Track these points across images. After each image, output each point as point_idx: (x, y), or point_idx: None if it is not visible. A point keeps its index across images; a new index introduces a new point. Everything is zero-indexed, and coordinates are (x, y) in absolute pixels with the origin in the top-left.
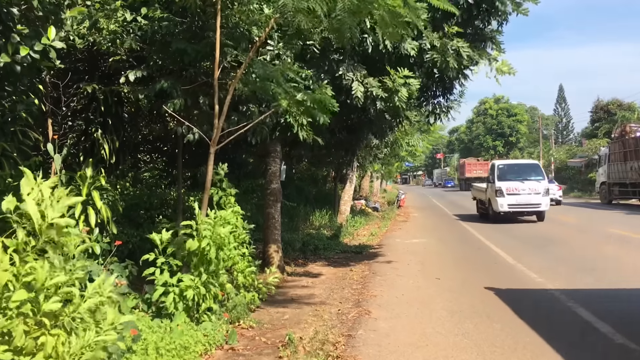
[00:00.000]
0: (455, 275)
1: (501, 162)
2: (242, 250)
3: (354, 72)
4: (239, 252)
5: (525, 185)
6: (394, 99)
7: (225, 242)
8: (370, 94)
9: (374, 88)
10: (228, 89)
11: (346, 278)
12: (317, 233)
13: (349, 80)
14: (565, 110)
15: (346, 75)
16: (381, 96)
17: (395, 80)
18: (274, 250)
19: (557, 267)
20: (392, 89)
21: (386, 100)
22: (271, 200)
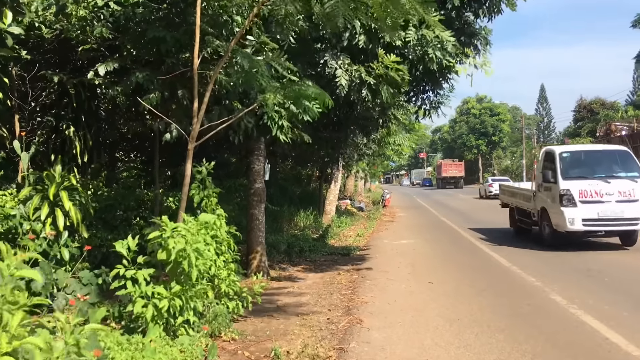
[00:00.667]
0: (448, 278)
1: (566, 149)
2: (225, 256)
3: (336, 60)
4: (222, 258)
5: (611, 186)
6: (382, 87)
7: (204, 250)
8: (355, 83)
9: (361, 73)
10: (209, 81)
11: (334, 282)
12: (302, 234)
13: (332, 69)
14: (546, 110)
15: (329, 63)
16: (369, 82)
17: (385, 65)
18: (258, 254)
19: (552, 268)
20: (381, 75)
21: (373, 90)
22: (255, 201)
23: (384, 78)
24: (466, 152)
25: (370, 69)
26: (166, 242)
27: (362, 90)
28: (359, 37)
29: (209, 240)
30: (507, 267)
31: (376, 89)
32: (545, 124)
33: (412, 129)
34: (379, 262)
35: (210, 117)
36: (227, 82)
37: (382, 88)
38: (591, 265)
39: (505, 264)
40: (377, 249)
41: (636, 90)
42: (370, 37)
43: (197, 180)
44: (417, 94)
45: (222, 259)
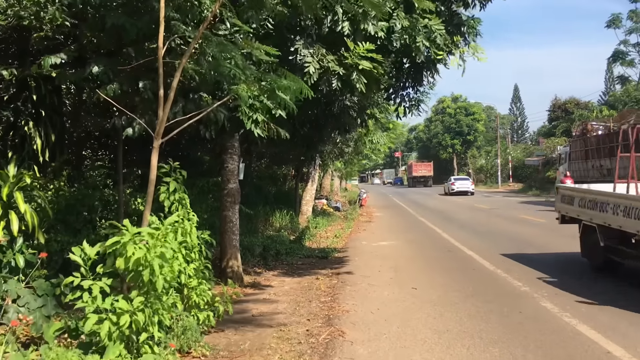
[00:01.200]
0: (432, 283)
1: None
2: (196, 264)
3: (309, 48)
4: (193, 265)
5: None
6: (353, 76)
7: (171, 257)
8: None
9: (330, 63)
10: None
11: (312, 288)
12: (278, 235)
13: (304, 57)
14: (520, 110)
15: (302, 51)
16: (338, 73)
17: (358, 54)
18: (231, 258)
19: (539, 272)
20: (351, 65)
21: (344, 80)
22: (228, 202)
23: (357, 68)
24: (441, 151)
25: (342, 57)
26: (124, 248)
27: (332, 81)
28: (343, 24)
29: (176, 247)
30: (491, 270)
31: (347, 80)
32: (519, 124)
33: (389, 128)
34: (359, 265)
35: (177, 111)
36: (196, 72)
37: (355, 79)
38: (573, 266)
39: (489, 267)
40: (356, 251)
41: (608, 91)
42: (355, 24)
43: (167, 182)
44: (397, 91)
45: (193, 266)
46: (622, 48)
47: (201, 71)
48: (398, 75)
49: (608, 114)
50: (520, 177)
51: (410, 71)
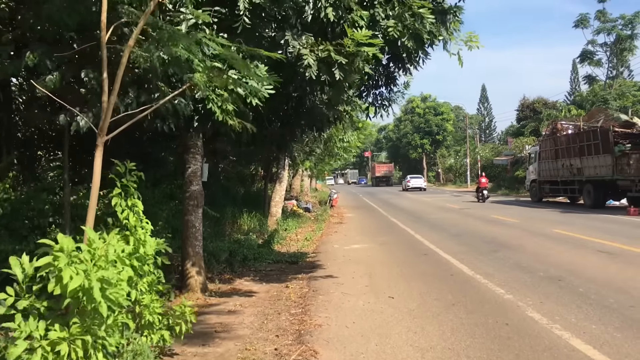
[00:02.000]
0: (409, 292)
1: None
2: (150, 278)
3: (299, 40)
4: (147, 279)
5: None
6: (357, 64)
7: (116, 277)
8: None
9: (330, 52)
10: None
11: (282, 298)
12: (246, 239)
13: (294, 50)
14: (488, 110)
15: (291, 43)
16: (339, 62)
17: (357, 41)
18: (194, 266)
19: (520, 277)
20: (353, 53)
21: (346, 69)
22: (191, 206)
23: (359, 55)
24: (411, 151)
25: (339, 47)
26: (59, 273)
27: (334, 71)
28: (326, 11)
29: (124, 263)
30: (470, 275)
31: (349, 68)
32: (487, 124)
33: (359, 127)
34: (332, 271)
35: (130, 102)
36: (147, 60)
37: (357, 66)
38: (556, 272)
39: (467, 272)
40: (327, 256)
41: (573, 91)
42: (339, 10)
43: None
44: (369, 89)
45: (147, 280)
46: (590, 48)
47: (151, 59)
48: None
49: (577, 113)
50: (489, 176)
51: (390, 65)
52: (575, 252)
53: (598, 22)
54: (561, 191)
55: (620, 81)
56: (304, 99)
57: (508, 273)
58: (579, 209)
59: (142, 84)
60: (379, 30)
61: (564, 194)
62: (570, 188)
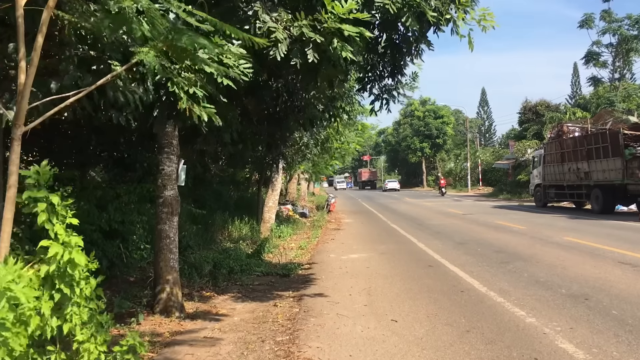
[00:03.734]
0: (415, 313)
1: None
2: (91, 306)
3: (270, 13)
4: (84, 309)
5: None
6: (334, 44)
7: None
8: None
9: (304, 29)
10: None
11: (268, 320)
12: (234, 248)
13: (264, 25)
14: (487, 113)
15: (261, 16)
16: (314, 40)
17: (338, 16)
18: (168, 283)
19: (540, 294)
20: (331, 31)
21: (322, 50)
22: (164, 213)
23: (338, 34)
24: (410, 155)
25: (316, 22)
26: None
27: (307, 52)
28: None
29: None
30: (483, 292)
31: (326, 48)
32: (486, 127)
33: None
34: (326, 286)
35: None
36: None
37: (337, 47)
38: (580, 288)
39: (479, 289)
40: (322, 267)
41: (574, 94)
42: None
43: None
44: (373, 81)
45: (84, 311)
46: (595, 49)
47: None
48: (374, 61)
49: (582, 115)
50: (489, 180)
51: (392, 51)
52: (594, 263)
53: (603, 22)
54: (567, 196)
55: (625, 83)
56: (294, 95)
57: (525, 289)
58: (586, 214)
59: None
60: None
61: (570, 199)
62: (577, 193)
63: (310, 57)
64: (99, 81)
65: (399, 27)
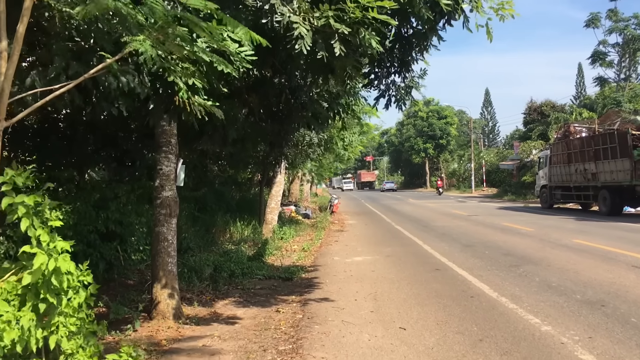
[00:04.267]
0: (424, 321)
1: None
2: (79, 315)
3: (288, 4)
4: (72, 319)
5: None
6: (363, 34)
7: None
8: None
9: (329, 19)
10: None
11: (270, 327)
12: (236, 250)
13: (283, 18)
14: (491, 114)
15: (278, 9)
16: (341, 31)
17: (363, 5)
18: (165, 288)
19: (554, 300)
20: (357, 20)
21: (348, 41)
22: (162, 215)
23: (365, 23)
24: (414, 155)
25: (341, 12)
26: None
27: (333, 45)
28: None
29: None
30: (494, 298)
31: (352, 40)
32: (490, 128)
33: (363, 130)
34: (331, 291)
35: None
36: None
37: (365, 35)
38: (595, 294)
39: (490, 294)
40: (326, 270)
41: (579, 95)
42: None
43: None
44: (380, 77)
45: (73, 319)
46: (602, 49)
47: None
48: (382, 56)
49: (588, 115)
50: (493, 181)
51: (401, 44)
52: (607, 267)
53: (610, 21)
54: (574, 197)
55: (632, 84)
56: (299, 92)
57: (538, 295)
58: (594, 216)
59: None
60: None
61: (577, 200)
62: (584, 194)
63: (337, 50)
64: (91, 71)
65: (410, 18)
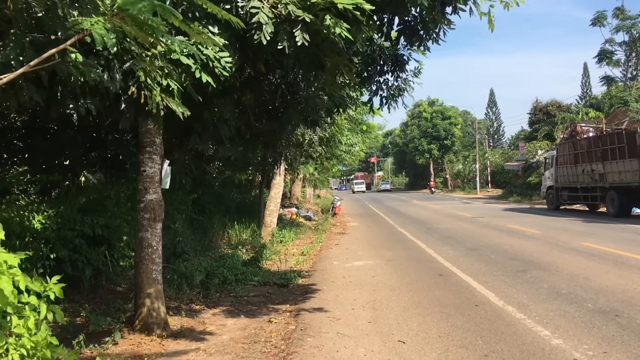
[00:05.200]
0: (425, 332)
1: None
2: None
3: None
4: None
5: None
6: (326, 21)
7: None
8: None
9: (290, 6)
10: None
11: (260, 340)
12: (232, 254)
13: (248, 3)
14: (496, 115)
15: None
16: (303, 19)
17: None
18: (149, 298)
19: (564, 310)
20: (323, 6)
21: (313, 31)
22: (146, 220)
23: (331, 9)
24: (418, 156)
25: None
26: None
27: (294, 33)
28: None
29: None
30: (499, 307)
31: (318, 30)
32: (495, 129)
33: (364, 130)
34: (327, 298)
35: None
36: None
37: (330, 24)
38: (608, 302)
39: (496, 302)
40: (324, 275)
41: (585, 95)
42: None
43: None
44: (372, 76)
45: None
46: (608, 47)
47: None
48: (374, 55)
49: (595, 115)
50: (498, 182)
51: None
52: (619, 272)
53: (616, 20)
54: (581, 198)
55: (639, 83)
56: (296, 86)
57: (547, 303)
58: (601, 217)
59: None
60: None
61: (584, 202)
62: (592, 195)
63: (299, 39)
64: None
65: (407, 5)
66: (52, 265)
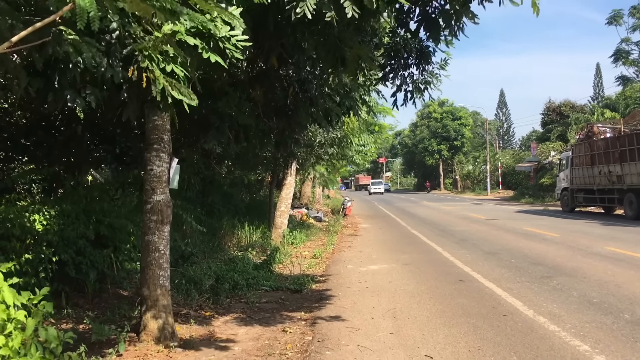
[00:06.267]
0: (454, 346)
1: None
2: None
3: None
4: None
5: None
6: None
7: None
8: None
9: None
10: None
11: (275, 352)
12: (242, 257)
13: None
14: (506, 115)
15: None
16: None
17: None
18: (156, 304)
19: (599, 321)
20: None
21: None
22: (153, 222)
23: None
24: (427, 157)
25: None
26: None
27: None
28: None
29: None
30: (530, 317)
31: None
32: (505, 130)
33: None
34: (344, 306)
35: None
36: None
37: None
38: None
39: (524, 312)
40: (339, 280)
41: (596, 96)
42: None
43: None
44: (397, 69)
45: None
46: (624, 47)
47: None
48: (398, 46)
49: (610, 115)
50: (509, 184)
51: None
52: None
53: (633, 19)
54: (597, 200)
55: None
56: (308, 84)
57: (580, 313)
58: (619, 220)
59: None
60: None
61: (601, 204)
62: (608, 197)
63: (348, 11)
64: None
65: None
66: (54, 268)
